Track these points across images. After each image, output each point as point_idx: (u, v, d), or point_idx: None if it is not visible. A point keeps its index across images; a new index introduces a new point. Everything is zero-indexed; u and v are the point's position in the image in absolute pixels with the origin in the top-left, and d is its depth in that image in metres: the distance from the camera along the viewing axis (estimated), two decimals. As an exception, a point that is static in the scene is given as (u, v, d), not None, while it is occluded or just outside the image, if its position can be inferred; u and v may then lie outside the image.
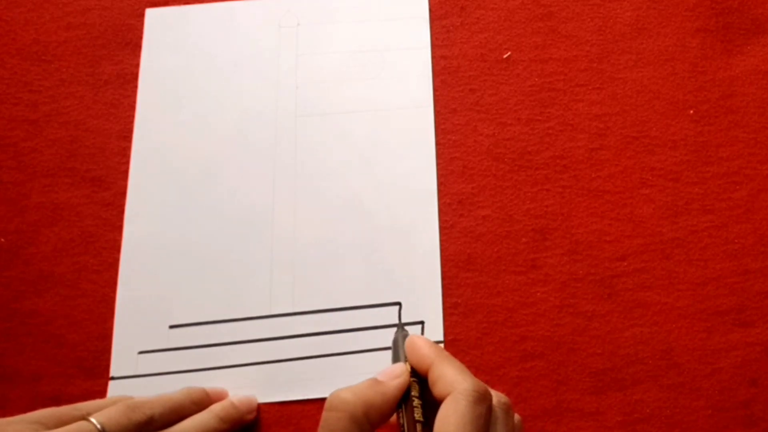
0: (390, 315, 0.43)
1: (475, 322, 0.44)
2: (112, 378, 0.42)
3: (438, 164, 0.47)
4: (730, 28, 0.50)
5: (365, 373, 0.42)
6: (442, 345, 0.43)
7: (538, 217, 0.46)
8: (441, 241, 0.45)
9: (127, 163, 0.47)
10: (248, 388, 0.42)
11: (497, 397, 0.36)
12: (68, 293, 0.44)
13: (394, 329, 0.37)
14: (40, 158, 0.47)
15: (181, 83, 0.49)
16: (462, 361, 0.42)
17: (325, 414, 0.35)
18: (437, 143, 0.47)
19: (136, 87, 0.49)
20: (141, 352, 0.43)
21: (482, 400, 0.35)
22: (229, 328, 0.43)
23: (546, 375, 0.43)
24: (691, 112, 0.48)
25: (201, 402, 0.43)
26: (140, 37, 0.50)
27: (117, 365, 0.42)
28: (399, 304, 0.43)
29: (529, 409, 0.42)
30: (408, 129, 0.47)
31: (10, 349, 0.43)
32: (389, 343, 0.43)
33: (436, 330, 0.43)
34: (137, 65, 0.49)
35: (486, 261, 0.45)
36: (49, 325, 0.44)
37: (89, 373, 0.42)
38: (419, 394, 0.35)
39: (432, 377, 0.37)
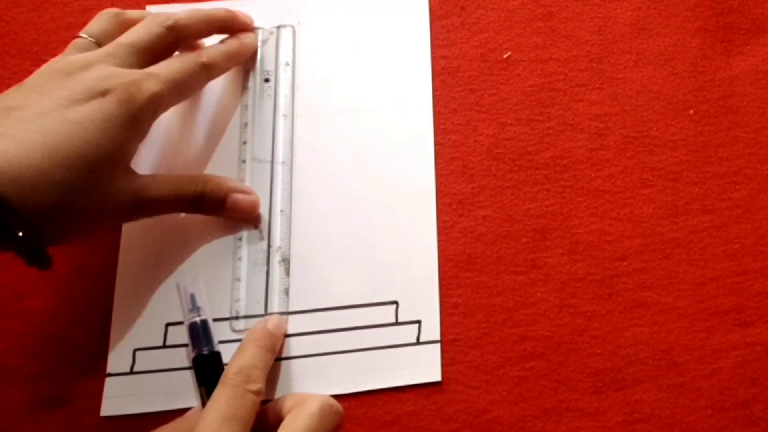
0: (387, 314, 0.43)
1: (475, 322, 0.44)
2: (109, 375, 0.42)
3: (437, 164, 0.47)
4: (730, 28, 0.50)
5: (361, 371, 0.42)
6: (438, 345, 0.43)
7: (538, 217, 0.46)
8: (441, 241, 0.45)
9: (127, 163, 0.47)
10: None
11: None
12: (68, 293, 0.44)
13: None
14: (41, 158, 0.47)
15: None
16: (462, 361, 0.43)
17: None
18: (437, 143, 0.47)
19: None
20: (137, 350, 0.43)
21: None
22: (225, 327, 0.43)
23: (546, 375, 0.43)
24: (691, 112, 0.48)
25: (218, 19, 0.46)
26: (140, 38, 0.50)
27: (114, 362, 0.42)
28: (396, 303, 0.43)
29: (529, 409, 0.42)
30: (407, 129, 0.47)
31: (10, 349, 0.43)
32: (386, 342, 0.43)
33: (433, 329, 0.43)
34: (137, 65, 0.49)
35: (486, 261, 0.45)
36: (49, 325, 0.44)
37: (89, 373, 0.42)
38: None
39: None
